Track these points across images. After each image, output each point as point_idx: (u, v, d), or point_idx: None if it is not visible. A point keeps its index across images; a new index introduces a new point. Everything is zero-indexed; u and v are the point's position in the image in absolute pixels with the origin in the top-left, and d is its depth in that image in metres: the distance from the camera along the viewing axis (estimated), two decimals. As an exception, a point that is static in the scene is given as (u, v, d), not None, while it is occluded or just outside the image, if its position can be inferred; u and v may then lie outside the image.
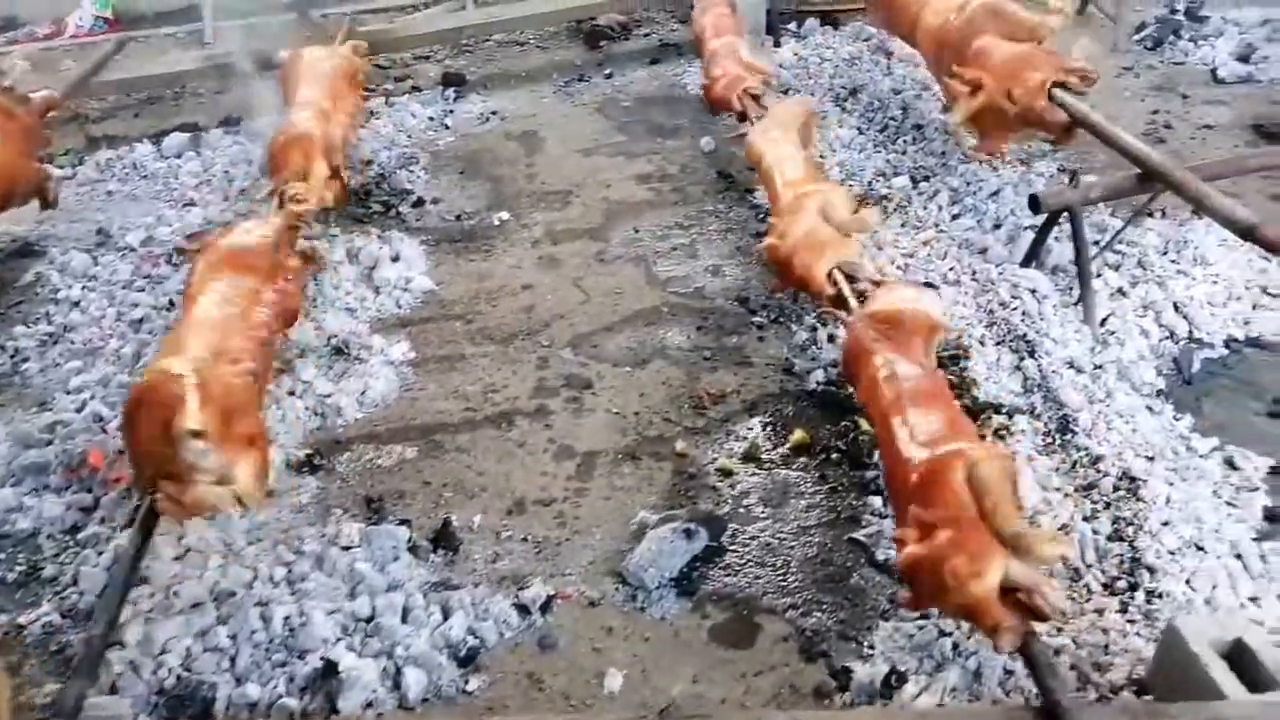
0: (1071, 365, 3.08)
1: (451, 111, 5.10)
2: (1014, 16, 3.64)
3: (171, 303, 3.56)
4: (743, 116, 4.08)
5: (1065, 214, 3.28)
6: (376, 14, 6.63)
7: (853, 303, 2.83)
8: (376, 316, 3.61)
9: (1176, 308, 3.30)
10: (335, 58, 4.46)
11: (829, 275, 2.99)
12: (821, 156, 4.24)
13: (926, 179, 4.15)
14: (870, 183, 4.18)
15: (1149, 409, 2.93)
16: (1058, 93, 3.38)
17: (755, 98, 4.06)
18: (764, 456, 2.91)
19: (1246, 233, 2.71)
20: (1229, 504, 2.61)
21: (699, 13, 4.84)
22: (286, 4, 6.53)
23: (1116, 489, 2.65)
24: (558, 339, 3.45)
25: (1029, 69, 3.47)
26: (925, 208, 3.95)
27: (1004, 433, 2.86)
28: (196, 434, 2.35)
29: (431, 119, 5.01)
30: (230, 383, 2.58)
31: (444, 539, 2.71)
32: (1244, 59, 5.00)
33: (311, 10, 6.43)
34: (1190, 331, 3.21)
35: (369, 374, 3.30)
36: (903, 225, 3.88)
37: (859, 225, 3.03)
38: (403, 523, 2.74)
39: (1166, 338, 3.21)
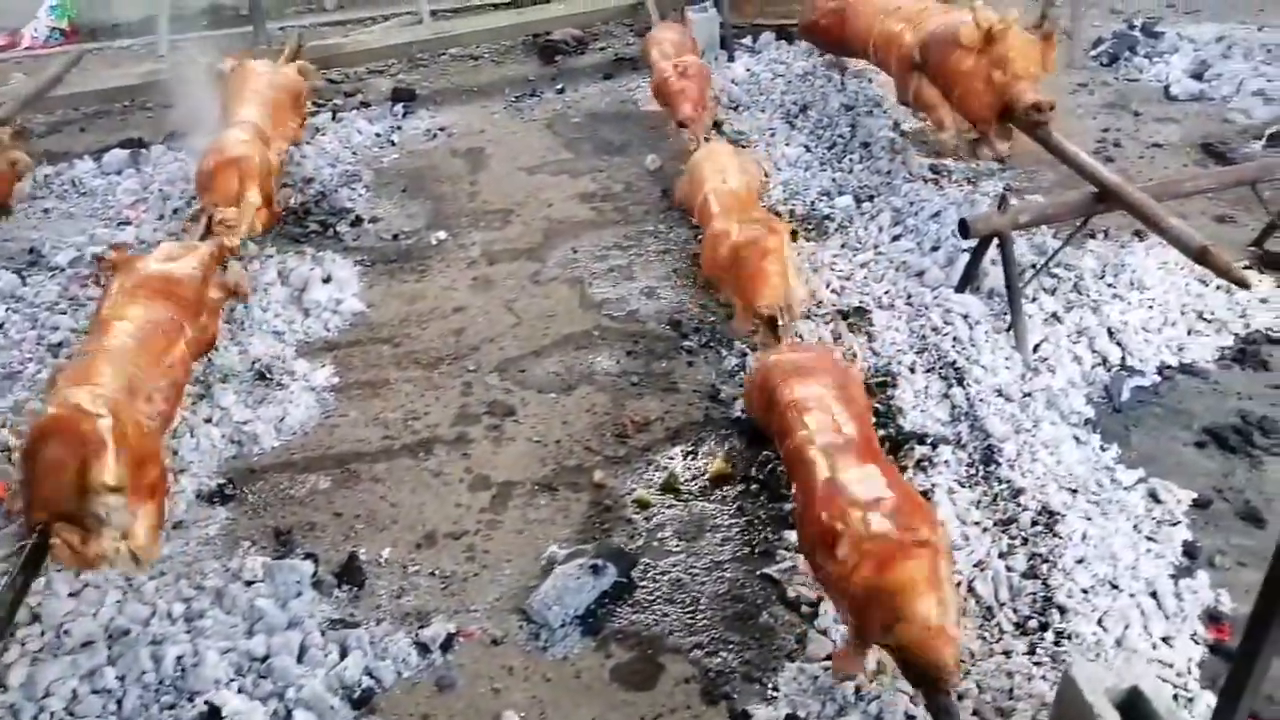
0: (1000, 393, 3.03)
1: (399, 128, 5.05)
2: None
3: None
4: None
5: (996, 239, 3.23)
6: (334, 26, 6.59)
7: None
8: (303, 340, 3.55)
9: (1111, 333, 3.25)
10: (279, 75, 4.42)
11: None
12: (766, 175, 4.18)
13: (871, 198, 4.10)
14: (814, 202, 4.13)
15: (1075, 439, 2.88)
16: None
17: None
18: (682, 488, 2.85)
19: (1199, 255, 2.67)
20: (1148, 539, 2.56)
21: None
22: (243, 16, 6.49)
23: (1035, 523, 2.60)
24: (485, 363, 3.39)
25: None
26: (866, 228, 3.90)
27: (926, 464, 2.81)
28: (114, 489, 2.29)
29: (379, 135, 4.95)
30: (143, 428, 2.52)
31: (350, 573, 2.64)
32: (1197, 76, 4.96)
33: (267, 24, 6.39)
34: (1123, 358, 3.16)
35: (289, 400, 3.24)
36: (843, 246, 3.83)
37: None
38: (309, 556, 2.67)
39: (1099, 364, 3.16)
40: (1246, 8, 5.87)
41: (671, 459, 2.95)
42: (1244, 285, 2.74)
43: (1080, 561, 2.45)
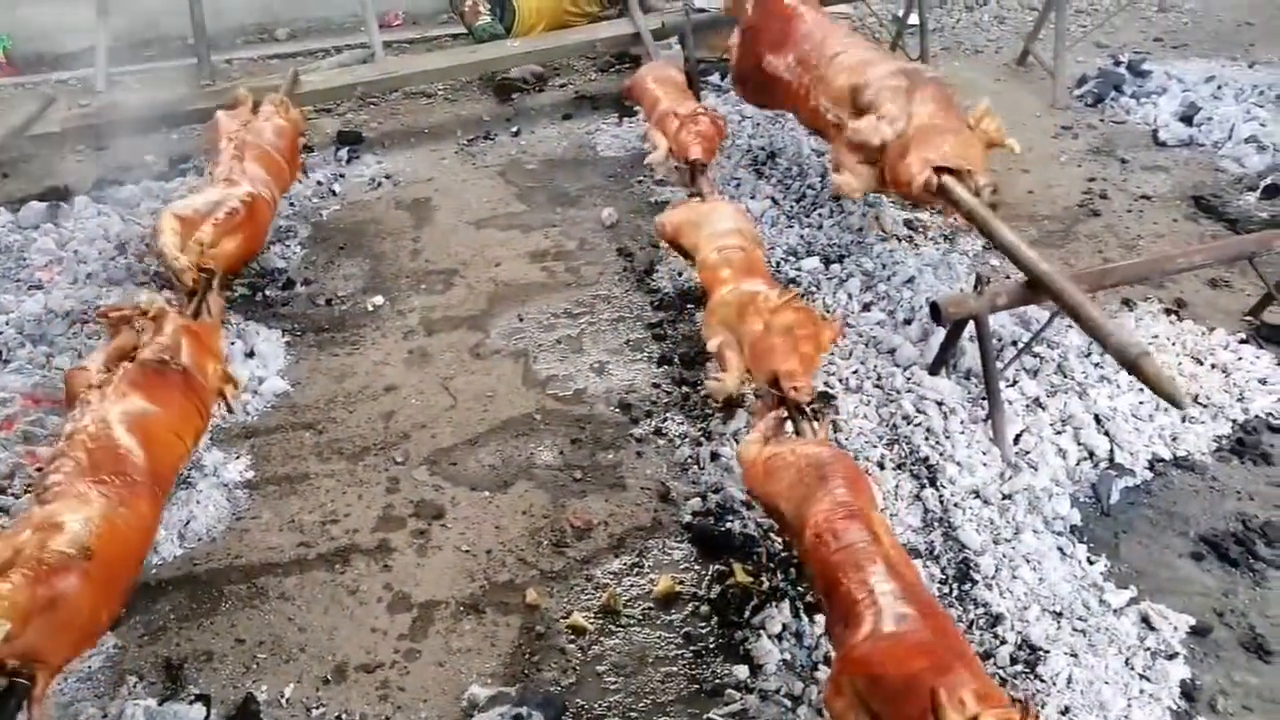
0: (977, 495, 2.75)
1: (342, 175, 4.74)
2: (953, 104, 3.31)
3: (-18, 413, 3.17)
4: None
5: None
6: (284, 59, 6.29)
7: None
8: (220, 426, 3.24)
9: (1098, 421, 2.97)
10: (274, 126, 4.06)
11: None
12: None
13: (840, 259, 3.82)
14: (779, 264, 3.84)
15: (1060, 550, 2.60)
16: (949, 180, 3.05)
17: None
18: (624, 610, 2.55)
19: (1132, 365, 2.39)
20: (1142, 676, 2.28)
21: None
22: (188, 46, 6.18)
23: (1014, 660, 2.31)
24: (414, 454, 3.09)
25: (934, 143, 3.14)
26: (835, 295, 3.61)
27: (895, 582, 2.52)
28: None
29: (320, 183, 4.64)
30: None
31: (245, 719, 2.34)
32: (1187, 119, 4.70)
33: (213, 56, 6.09)
34: (1112, 451, 2.88)
35: (197, 500, 2.92)
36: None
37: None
38: (200, 698, 2.36)
39: (1085, 458, 2.88)
40: (1236, 43, 5.64)
41: (613, 574, 2.65)
42: (1176, 405, 2.45)
43: (1065, 713, 2.17)
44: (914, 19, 5.50)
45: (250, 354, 3.49)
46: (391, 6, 6.86)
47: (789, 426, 2.59)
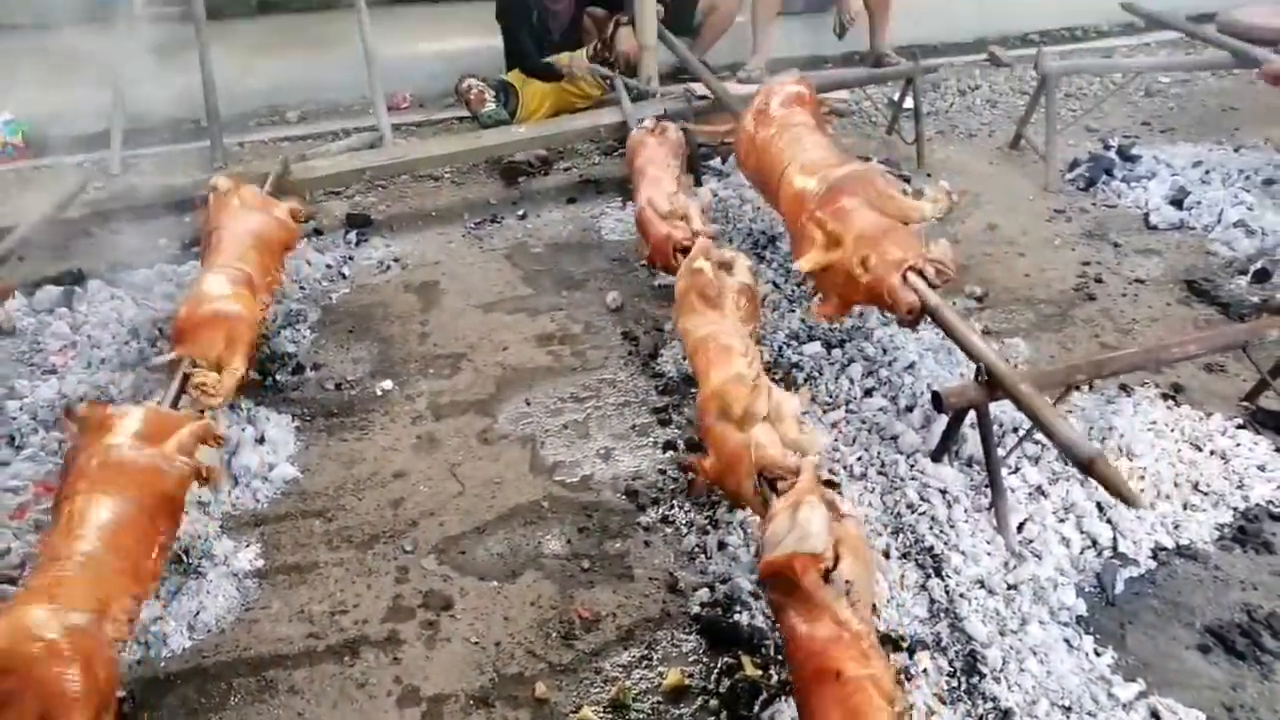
0: (982, 585, 2.77)
1: (351, 258, 4.83)
2: (888, 190, 3.41)
3: (-8, 504, 3.20)
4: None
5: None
6: (294, 141, 6.44)
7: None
8: (229, 513, 3.27)
9: (1100, 509, 3.01)
10: (267, 215, 4.09)
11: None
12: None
13: (841, 344, 3.89)
14: (781, 348, 3.91)
15: (1067, 642, 2.61)
16: (913, 277, 3.13)
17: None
18: (633, 704, 2.55)
19: (1087, 467, 2.46)
20: (1154, 778, 2.29)
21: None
22: (202, 129, 6.33)
23: (1025, 757, 2.32)
24: (423, 542, 3.11)
25: (890, 243, 3.23)
26: (837, 380, 3.67)
27: (904, 676, 2.53)
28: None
29: (329, 266, 4.73)
30: (111, 663, 2.22)
31: (253, 818, 2.34)
32: (1177, 203, 4.83)
33: (225, 138, 6.24)
34: (1115, 539, 2.92)
35: (207, 590, 2.93)
36: (812, 401, 3.60)
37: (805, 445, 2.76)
38: (208, 796, 2.37)
39: (1089, 547, 2.91)
40: (1221, 127, 5.80)
41: (622, 666, 2.66)
42: (1132, 504, 2.52)
43: (1078, 813, 2.17)
44: (909, 103, 5.67)
45: (261, 440, 3.53)
46: (399, 88, 7.04)
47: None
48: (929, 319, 3.20)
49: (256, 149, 6.41)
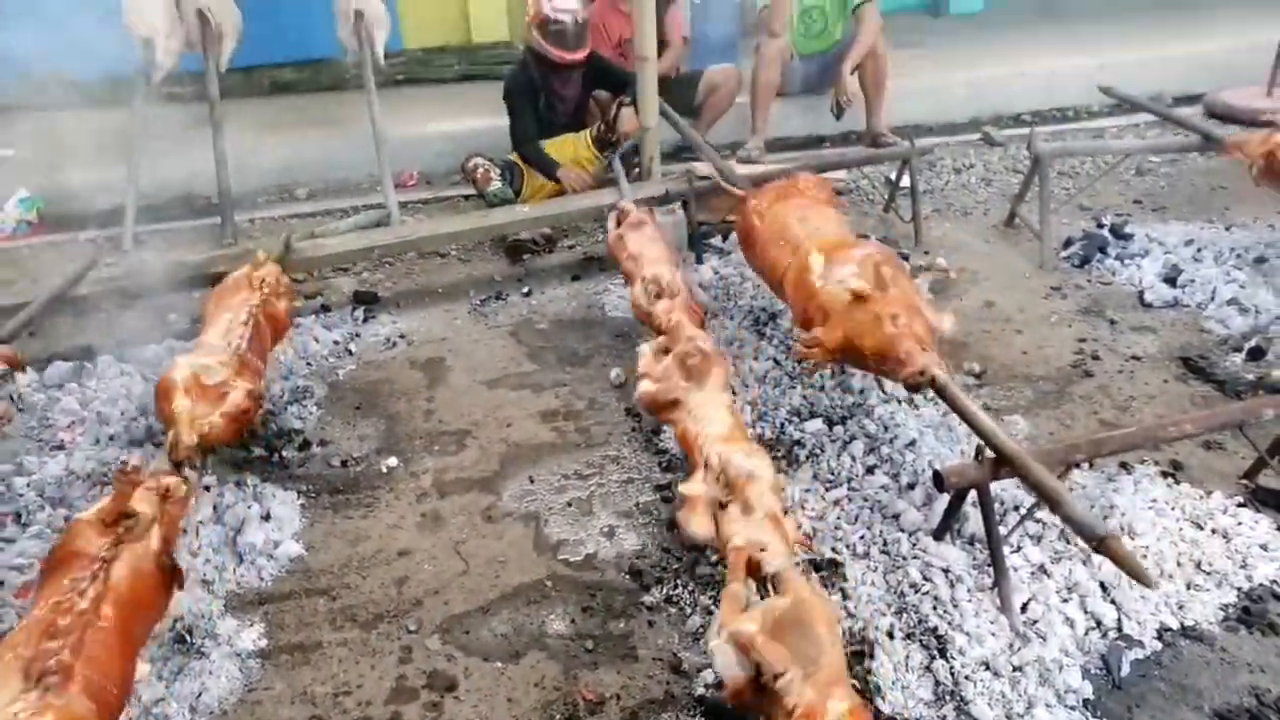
0: (988, 666, 2.76)
1: (358, 335, 4.90)
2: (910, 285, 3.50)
3: (0, 581, 3.21)
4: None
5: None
6: (303, 218, 6.57)
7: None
8: (234, 591, 3.27)
9: (1104, 588, 3.01)
10: (255, 296, 4.13)
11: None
12: (735, 393, 4.02)
13: (843, 421, 3.92)
14: (783, 425, 3.95)
15: (1074, 726, 2.60)
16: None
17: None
18: (638, 789, 2.54)
19: (1098, 545, 2.48)
20: None
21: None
22: (214, 206, 6.46)
23: (1035, 847, 2.29)
24: (427, 622, 3.10)
25: (920, 308, 3.32)
26: (839, 457, 3.70)
27: (910, 760, 2.52)
28: None
29: (336, 343, 4.79)
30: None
31: None
32: (1170, 281, 4.91)
33: (237, 215, 6.37)
34: (1119, 620, 2.92)
35: (209, 670, 2.92)
36: (814, 478, 3.62)
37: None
38: None
39: (1093, 627, 2.90)
40: (1211, 206, 5.92)
41: (627, 750, 2.65)
42: (1145, 583, 2.52)
43: None
44: (905, 182, 5.80)
45: (266, 517, 3.54)
46: (406, 167, 7.21)
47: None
48: (932, 393, 3.26)
49: (266, 225, 6.54)
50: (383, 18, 6.56)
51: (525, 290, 5.31)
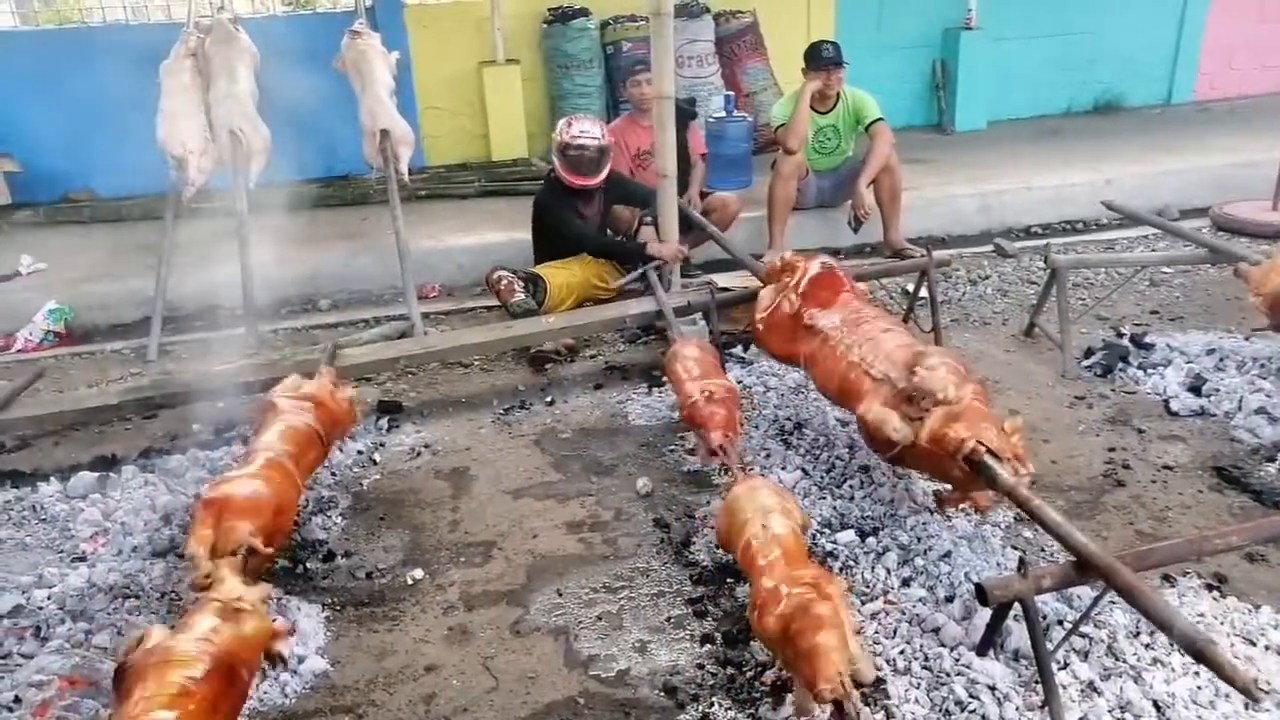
0: (1044, 790, 2.65)
1: (382, 445, 4.89)
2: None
3: (18, 698, 3.11)
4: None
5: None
6: (326, 329, 6.64)
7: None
8: (257, 709, 3.17)
9: (1158, 708, 2.91)
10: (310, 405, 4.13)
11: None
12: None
13: (875, 532, 3.87)
14: (815, 536, 3.89)
15: None
16: (989, 458, 3.20)
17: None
18: None
19: (1198, 654, 2.40)
20: None
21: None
22: (238, 316, 6.55)
23: None
24: (455, 743, 3.01)
25: (980, 424, 3.32)
26: (873, 569, 3.63)
27: None
28: None
29: (360, 453, 4.78)
30: None
31: None
32: (1195, 390, 4.90)
33: (263, 325, 6.46)
34: (1176, 741, 2.81)
35: (229, 795, 2.82)
36: (849, 591, 3.54)
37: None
38: None
39: (1150, 750, 2.80)
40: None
41: None
42: (1250, 696, 2.43)
43: None
44: (924, 292, 5.87)
45: (291, 631, 3.47)
46: (429, 279, 7.33)
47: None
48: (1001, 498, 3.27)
49: (289, 336, 6.62)
50: (407, 137, 6.78)
51: (549, 400, 5.33)
